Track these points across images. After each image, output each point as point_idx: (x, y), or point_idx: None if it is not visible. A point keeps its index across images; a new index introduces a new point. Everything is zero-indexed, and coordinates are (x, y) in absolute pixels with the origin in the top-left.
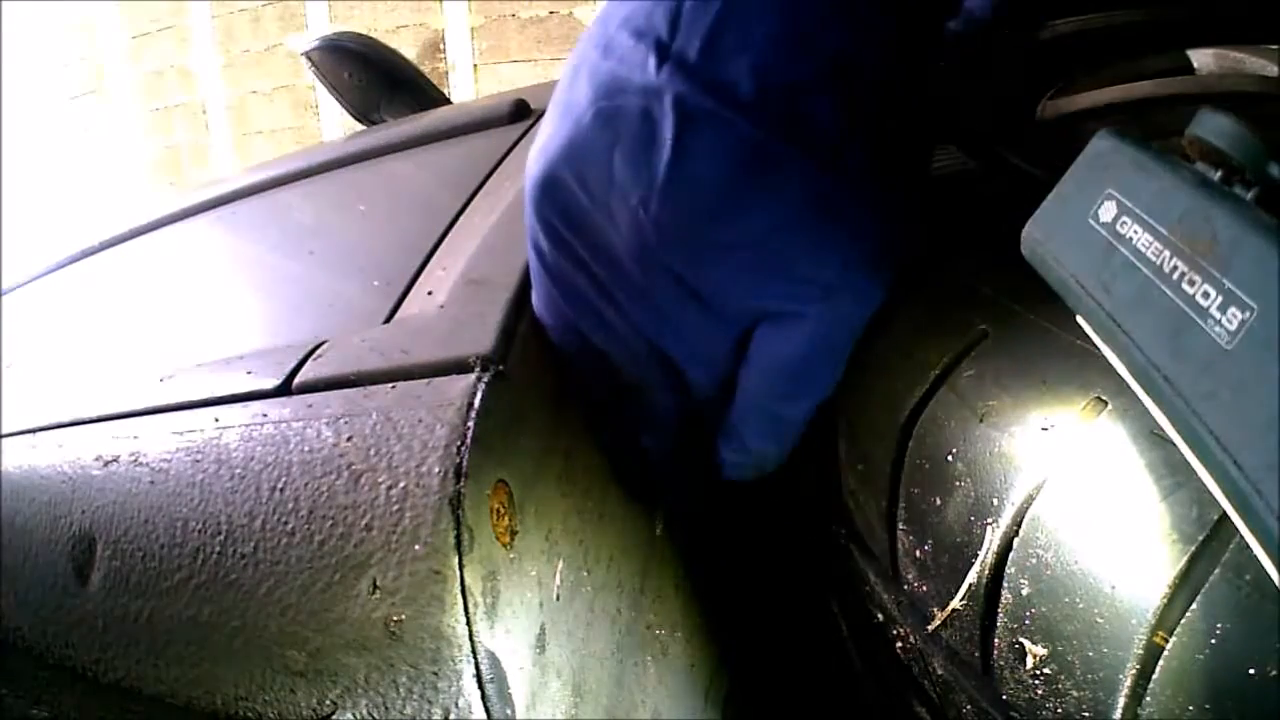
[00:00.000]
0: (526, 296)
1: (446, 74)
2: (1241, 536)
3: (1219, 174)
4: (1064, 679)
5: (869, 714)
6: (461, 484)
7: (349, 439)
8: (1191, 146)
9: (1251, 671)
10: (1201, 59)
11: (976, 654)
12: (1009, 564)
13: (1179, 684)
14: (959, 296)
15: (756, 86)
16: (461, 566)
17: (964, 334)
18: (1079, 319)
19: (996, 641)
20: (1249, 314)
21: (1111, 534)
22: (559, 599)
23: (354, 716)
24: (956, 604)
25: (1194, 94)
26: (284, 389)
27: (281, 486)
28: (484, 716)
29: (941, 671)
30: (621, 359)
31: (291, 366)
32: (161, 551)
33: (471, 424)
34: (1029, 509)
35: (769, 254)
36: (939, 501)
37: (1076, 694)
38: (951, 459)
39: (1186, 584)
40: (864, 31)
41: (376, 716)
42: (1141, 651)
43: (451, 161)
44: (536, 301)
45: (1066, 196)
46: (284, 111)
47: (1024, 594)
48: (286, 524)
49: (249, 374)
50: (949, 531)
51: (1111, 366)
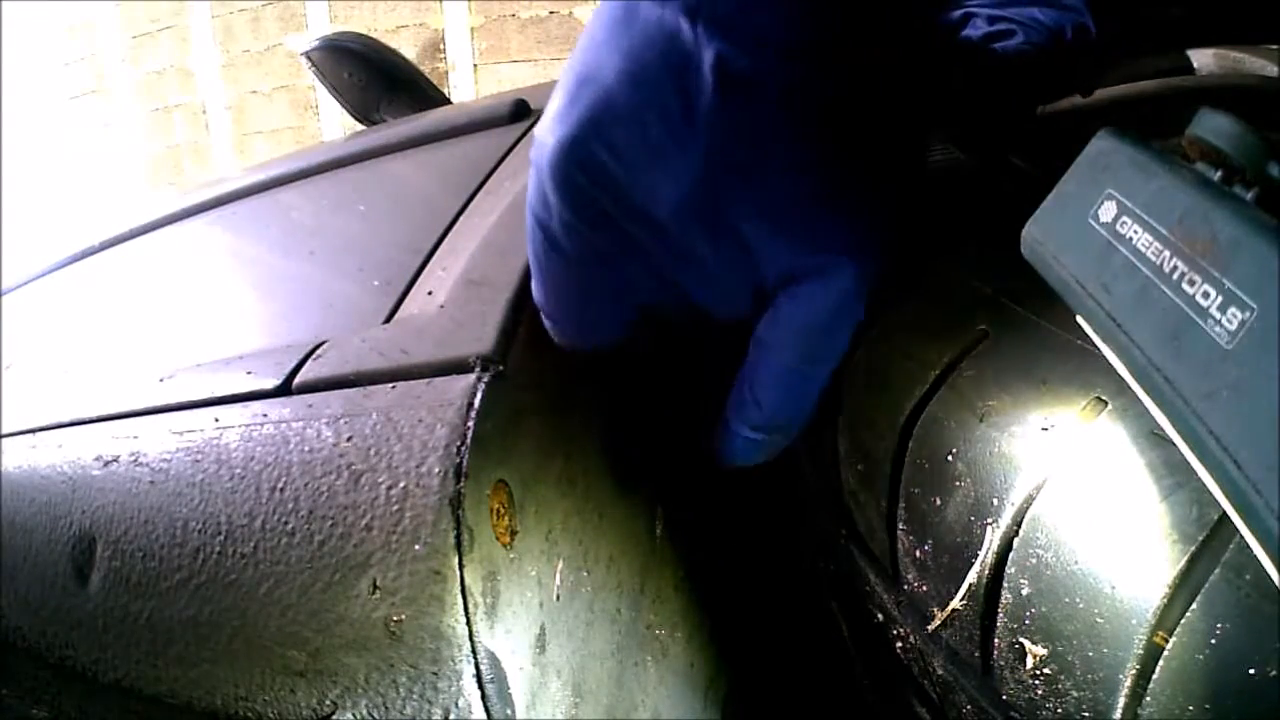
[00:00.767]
0: (526, 296)
1: (446, 74)
2: (1241, 536)
3: (1219, 174)
4: (1064, 679)
5: (869, 714)
6: (461, 484)
7: (349, 439)
8: (1191, 146)
9: (1251, 671)
10: (1201, 59)
11: (976, 654)
12: (1009, 564)
13: (1179, 684)
14: (959, 296)
15: (791, 37)
16: (461, 566)
17: (964, 334)
18: (1079, 319)
19: (996, 641)
20: (1249, 314)
21: (1111, 534)
22: (559, 599)
23: (354, 716)
24: (956, 604)
25: (1194, 94)
26: (284, 389)
27: (281, 486)
28: (484, 716)
29: (941, 671)
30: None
31: (291, 366)
32: (161, 551)
33: (471, 424)
34: (1029, 509)
35: (808, 210)
36: (939, 501)
37: (1076, 694)
38: (951, 459)
39: (1186, 584)
40: None
41: (376, 716)
42: (1141, 651)
43: (451, 161)
44: (537, 291)
45: (1066, 196)
46: (284, 111)
47: (1024, 594)
48: (286, 524)
49: (249, 374)
50: (949, 531)
51: (1111, 366)
